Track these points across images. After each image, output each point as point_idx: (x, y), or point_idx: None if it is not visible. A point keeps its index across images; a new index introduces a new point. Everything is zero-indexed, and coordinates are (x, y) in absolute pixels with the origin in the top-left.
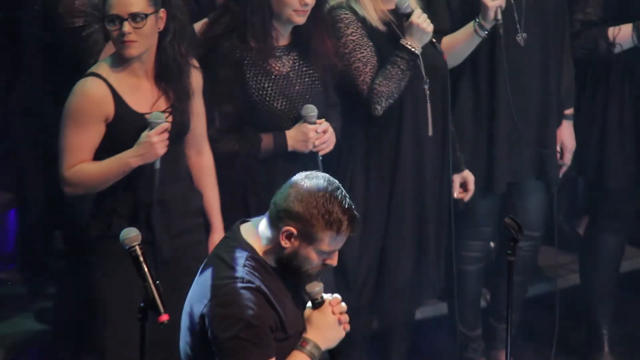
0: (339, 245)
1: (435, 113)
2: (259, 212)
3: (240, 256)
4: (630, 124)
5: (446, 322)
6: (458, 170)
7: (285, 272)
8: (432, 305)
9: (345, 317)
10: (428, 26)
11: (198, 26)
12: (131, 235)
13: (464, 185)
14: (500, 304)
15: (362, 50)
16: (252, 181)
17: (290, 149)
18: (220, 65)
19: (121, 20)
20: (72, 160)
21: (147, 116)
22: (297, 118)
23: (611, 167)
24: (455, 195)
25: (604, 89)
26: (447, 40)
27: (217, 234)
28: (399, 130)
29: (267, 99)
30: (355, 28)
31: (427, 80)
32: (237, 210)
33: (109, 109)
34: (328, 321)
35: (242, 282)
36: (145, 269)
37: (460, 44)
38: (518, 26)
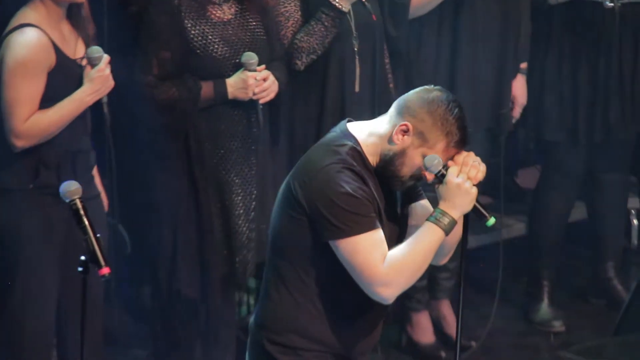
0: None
1: (365, 70)
2: (202, 161)
3: (345, 145)
4: (568, 76)
5: None
6: None
7: (381, 176)
8: None
9: (473, 172)
10: None
11: None
12: (72, 188)
13: None
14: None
15: (285, 5)
16: (193, 129)
17: (230, 96)
18: (158, 12)
19: None
20: (26, 113)
21: (81, 60)
22: (239, 66)
23: (549, 119)
24: None
25: (544, 41)
26: None
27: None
28: (324, 86)
29: (208, 45)
30: None
31: (357, 35)
32: (179, 158)
33: (52, 58)
34: (455, 190)
35: (344, 163)
36: (86, 222)
37: None
38: None
